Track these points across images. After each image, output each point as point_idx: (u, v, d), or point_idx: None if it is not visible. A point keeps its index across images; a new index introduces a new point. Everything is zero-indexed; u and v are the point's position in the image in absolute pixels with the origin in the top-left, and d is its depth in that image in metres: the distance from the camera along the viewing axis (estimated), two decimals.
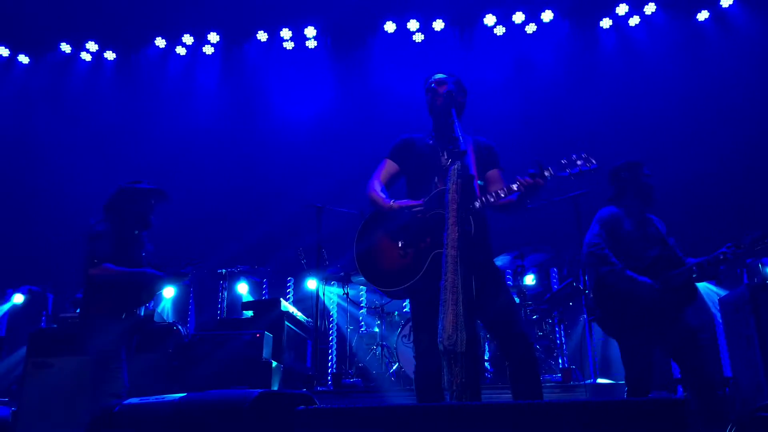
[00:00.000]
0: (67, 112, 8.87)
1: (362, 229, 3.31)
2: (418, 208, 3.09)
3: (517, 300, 6.35)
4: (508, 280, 7.66)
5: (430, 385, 2.85)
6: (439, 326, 2.68)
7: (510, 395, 3.10)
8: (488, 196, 3.06)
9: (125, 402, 2.26)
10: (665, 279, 3.81)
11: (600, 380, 5.79)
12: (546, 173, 3.02)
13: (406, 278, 3.05)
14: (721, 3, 8.30)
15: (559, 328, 6.33)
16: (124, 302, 4.17)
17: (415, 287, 3.02)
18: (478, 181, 3.21)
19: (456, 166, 2.98)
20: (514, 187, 3.02)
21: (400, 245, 3.14)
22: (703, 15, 8.41)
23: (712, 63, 8.26)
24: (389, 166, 3.45)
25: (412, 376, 5.71)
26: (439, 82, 3.41)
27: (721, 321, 5.67)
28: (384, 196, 3.25)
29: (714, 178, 7.56)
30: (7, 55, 8.93)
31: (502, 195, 3.04)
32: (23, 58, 8.97)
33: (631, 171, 4.16)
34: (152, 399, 2.26)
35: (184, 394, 2.23)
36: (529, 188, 2.98)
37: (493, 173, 3.38)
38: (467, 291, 2.68)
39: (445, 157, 3.24)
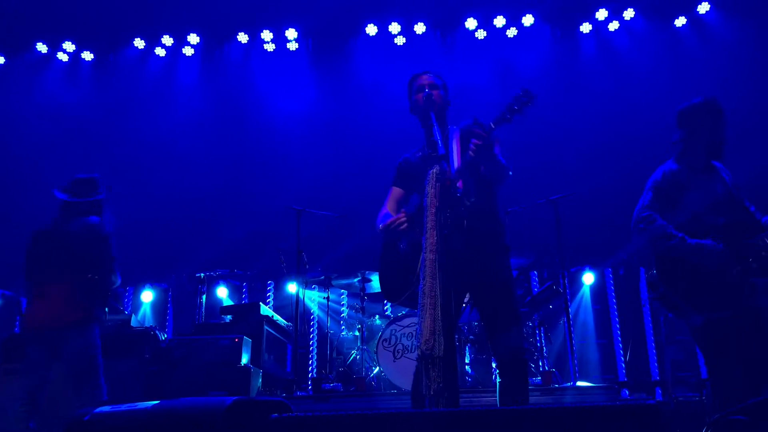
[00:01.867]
0: (43, 112, 8.73)
1: (381, 254, 3.36)
2: (399, 222, 3.09)
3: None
4: None
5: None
6: (417, 331, 2.67)
7: (489, 399, 3.09)
8: (462, 169, 3.05)
9: (96, 410, 2.21)
10: (741, 244, 3.25)
11: (580, 383, 5.82)
12: (487, 128, 3.02)
13: (405, 286, 3.04)
14: (698, 9, 8.40)
15: (539, 331, 6.34)
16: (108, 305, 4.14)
17: (413, 296, 2.99)
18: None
19: (434, 170, 2.97)
20: (467, 157, 3.01)
21: (398, 258, 3.16)
22: (680, 21, 8.51)
23: (690, 68, 8.36)
24: (395, 193, 3.49)
25: (393, 380, 5.72)
26: (420, 86, 3.41)
27: None
28: (380, 220, 3.28)
29: None
30: None
31: (470, 155, 2.99)
32: None
33: (705, 117, 3.59)
34: (124, 407, 2.22)
35: (158, 401, 2.18)
36: (478, 149, 2.95)
37: None
38: (446, 296, 2.66)
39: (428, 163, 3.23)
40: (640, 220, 3.43)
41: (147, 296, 8.32)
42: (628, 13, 8.52)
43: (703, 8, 8.37)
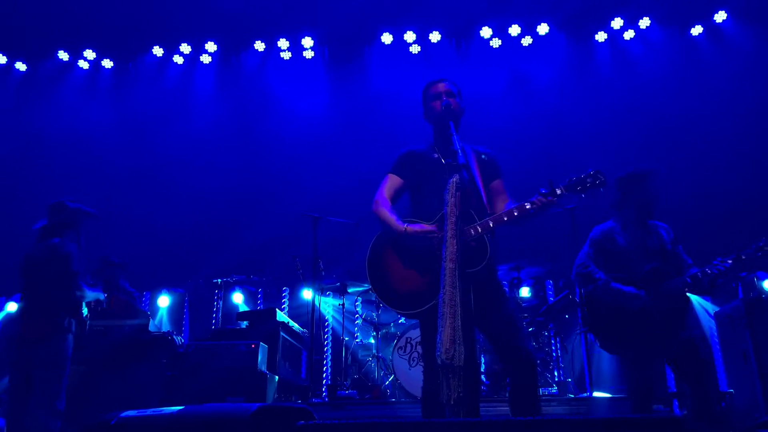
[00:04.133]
0: (63, 119, 8.85)
1: (373, 250, 3.27)
2: (433, 235, 3.06)
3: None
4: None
5: (436, 401, 2.80)
6: (437, 340, 2.67)
7: (504, 409, 3.09)
8: (503, 217, 3.05)
9: (122, 414, 2.24)
10: (656, 289, 3.83)
11: (596, 393, 5.79)
12: (558, 191, 3.04)
13: (426, 300, 2.99)
14: (714, 18, 8.38)
15: (555, 340, 6.33)
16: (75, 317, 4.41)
17: (433, 308, 2.96)
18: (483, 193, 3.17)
19: (454, 179, 2.98)
20: (527, 206, 3.02)
21: (417, 268, 3.11)
22: (697, 30, 8.49)
23: (707, 77, 8.33)
24: (393, 181, 3.41)
25: (408, 388, 5.73)
26: (436, 94, 3.41)
27: (716, 335, 5.68)
28: (396, 217, 3.23)
29: (710, 190, 7.60)
30: (5, 62, 8.92)
31: (516, 214, 3.03)
32: (20, 66, 8.96)
33: (635, 183, 4.12)
34: (150, 411, 2.25)
35: (182, 407, 2.21)
36: (542, 208, 3.00)
37: (496, 184, 3.38)
38: (466, 305, 2.67)
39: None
40: (578, 266, 4.06)
41: (164, 301, 8.38)
42: (644, 22, 8.51)
43: (720, 17, 8.36)
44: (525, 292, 7.04)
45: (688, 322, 3.91)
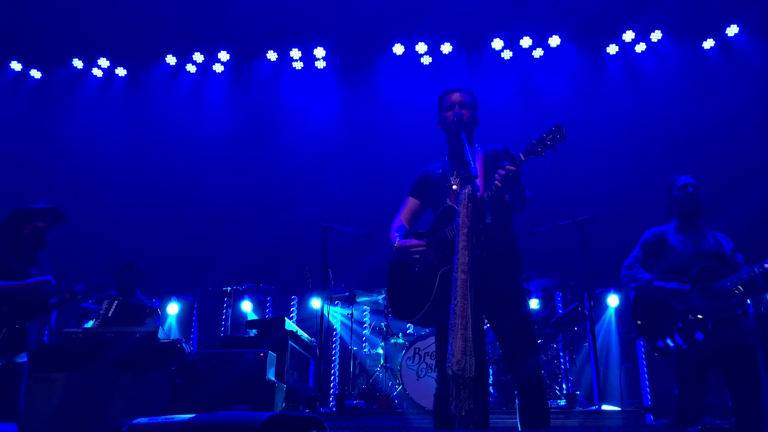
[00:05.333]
0: (76, 125, 8.93)
1: (389, 270, 3.37)
2: (417, 248, 3.12)
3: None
4: None
5: (448, 411, 2.80)
6: (448, 351, 2.67)
7: (514, 421, 3.07)
8: (486, 192, 3.04)
9: (133, 422, 2.25)
10: (705, 286, 3.68)
11: (604, 407, 5.75)
12: (517, 160, 3.02)
13: (421, 305, 3.03)
14: (726, 32, 8.37)
15: (564, 353, 6.30)
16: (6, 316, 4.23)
17: (430, 312, 2.99)
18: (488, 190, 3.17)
19: (467, 191, 2.99)
20: (492, 186, 2.98)
21: (410, 279, 3.16)
22: (708, 43, 8.48)
23: (718, 90, 8.32)
24: (411, 203, 3.52)
25: (416, 399, 5.71)
26: (450, 104, 3.43)
27: None
28: (397, 234, 3.31)
29: (719, 203, 7.56)
30: (20, 70, 9.02)
31: (486, 196, 3.01)
32: (35, 73, 9.06)
33: (666, 188, 4.20)
34: (161, 419, 2.25)
35: (193, 414, 2.22)
36: (505, 179, 2.94)
37: None
38: (477, 317, 2.67)
39: (457, 180, 3.23)
40: (624, 268, 4.04)
41: (173, 308, 8.41)
42: (656, 35, 8.52)
43: (732, 31, 8.35)
44: (534, 304, 7.02)
45: (744, 326, 3.69)
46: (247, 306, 8.09)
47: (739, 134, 7.92)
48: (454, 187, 3.21)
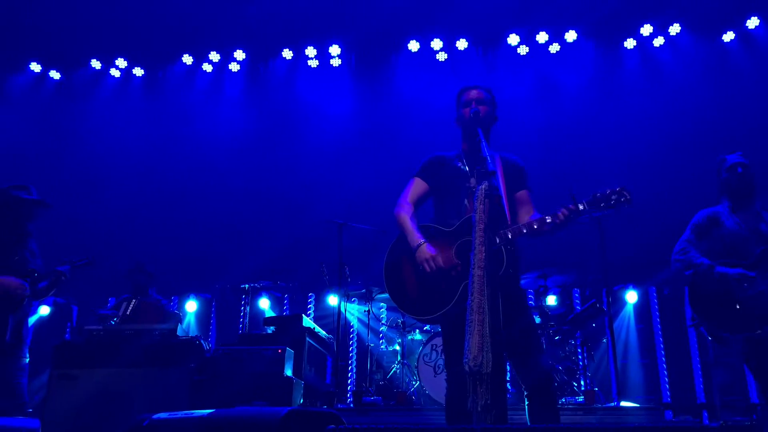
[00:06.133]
0: (95, 125, 9.03)
1: (390, 254, 3.31)
2: (434, 266, 3.07)
3: (538, 320, 6.31)
4: (530, 300, 7.63)
5: (461, 408, 2.82)
6: (465, 347, 2.67)
7: None
8: (522, 228, 3.04)
9: (154, 417, 2.28)
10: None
11: (623, 403, 5.72)
12: (580, 207, 2.97)
13: (439, 306, 3.04)
14: (747, 24, 8.25)
15: (582, 349, 6.26)
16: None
17: (448, 313, 3.02)
18: (505, 201, 3.18)
19: (483, 186, 2.98)
20: (548, 219, 3.00)
21: (431, 275, 3.11)
22: (728, 36, 8.36)
23: (738, 83, 8.20)
24: (418, 185, 3.45)
25: (433, 395, 5.71)
26: (467, 101, 3.43)
27: None
28: (415, 228, 3.25)
29: None
30: (39, 71, 9.14)
31: (536, 227, 3.02)
32: (54, 74, 9.17)
33: (715, 169, 4.08)
34: (181, 414, 2.28)
35: (213, 410, 2.24)
36: (562, 222, 2.97)
37: (522, 194, 3.37)
38: (494, 312, 2.67)
39: (474, 177, 3.23)
40: (676, 252, 3.84)
41: (191, 306, 8.49)
42: (674, 29, 8.41)
43: (752, 23, 8.22)
44: (551, 300, 6.99)
45: None
46: (264, 303, 8.15)
47: (760, 127, 7.81)
48: (473, 186, 3.19)
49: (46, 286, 4.69)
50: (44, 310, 7.72)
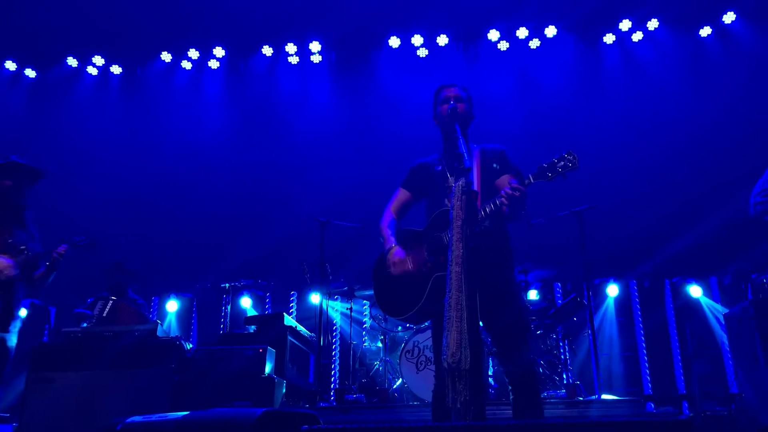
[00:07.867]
0: (72, 124, 8.91)
1: (377, 262, 3.42)
2: (400, 269, 3.19)
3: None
4: None
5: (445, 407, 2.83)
6: (443, 343, 2.67)
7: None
8: (484, 209, 3.07)
9: (128, 420, 2.25)
10: None
11: (604, 396, 5.76)
12: (526, 181, 3.02)
13: (412, 304, 3.11)
14: (723, 19, 8.33)
15: (564, 343, 6.29)
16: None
17: (424, 311, 3.05)
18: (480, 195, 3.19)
19: (460, 183, 2.98)
20: (497, 201, 3.02)
21: (402, 277, 3.22)
22: (705, 31, 8.43)
23: (715, 78, 8.28)
24: (401, 195, 3.57)
25: (416, 392, 5.71)
26: (445, 98, 3.45)
27: (726, 337, 5.64)
28: (389, 232, 3.38)
29: (714, 192, 7.55)
30: (14, 69, 8.99)
31: (488, 211, 3.06)
32: (30, 72, 9.03)
33: None
34: (155, 417, 2.25)
35: (188, 412, 2.22)
36: (511, 200, 2.96)
37: (503, 179, 3.32)
38: (472, 309, 2.67)
39: (452, 176, 3.23)
40: (756, 195, 3.45)
41: (172, 306, 8.42)
42: (652, 24, 8.46)
43: (729, 18, 8.30)
44: (533, 295, 7.01)
45: None
46: (246, 302, 8.10)
47: (736, 122, 7.90)
48: (452, 184, 3.20)
49: (43, 273, 4.54)
50: (21, 313, 7.58)
